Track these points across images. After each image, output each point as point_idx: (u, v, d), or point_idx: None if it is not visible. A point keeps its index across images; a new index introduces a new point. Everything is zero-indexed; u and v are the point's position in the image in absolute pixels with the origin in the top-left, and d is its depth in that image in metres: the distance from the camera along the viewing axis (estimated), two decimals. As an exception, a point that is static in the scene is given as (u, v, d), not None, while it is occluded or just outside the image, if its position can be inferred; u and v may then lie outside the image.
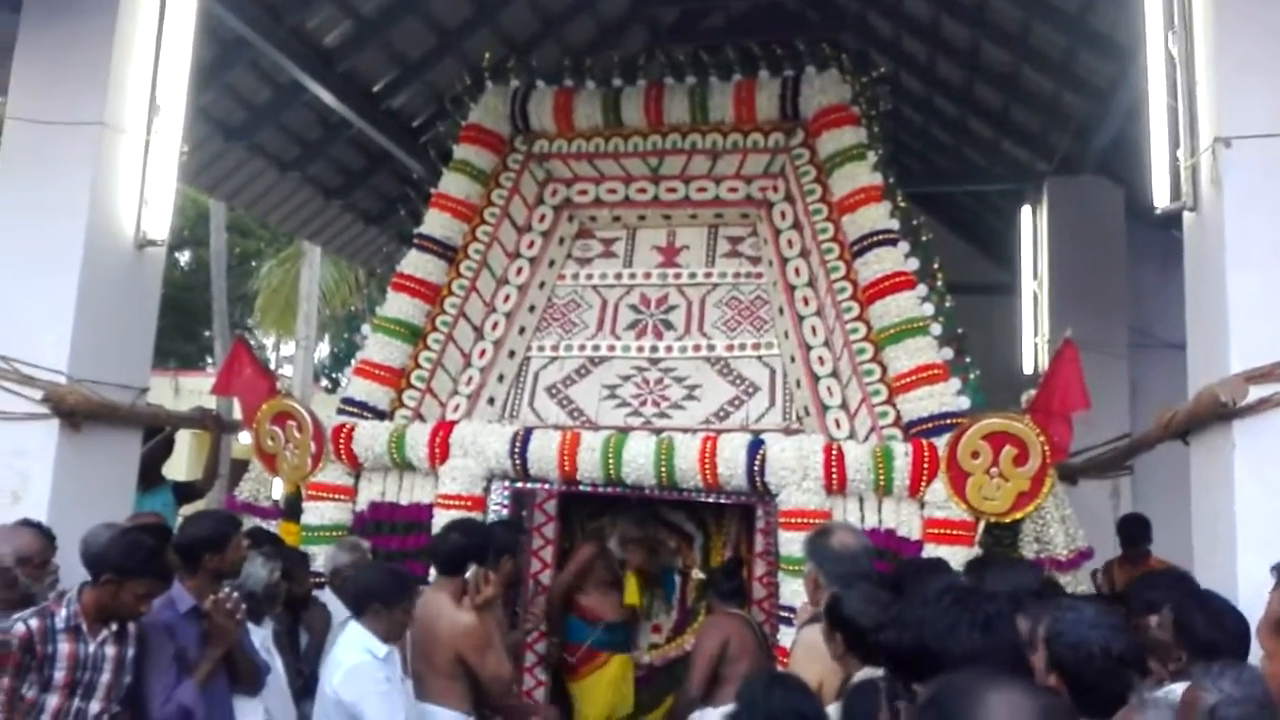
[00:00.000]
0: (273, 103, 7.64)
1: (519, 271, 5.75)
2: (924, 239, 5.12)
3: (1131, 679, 2.42)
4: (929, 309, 4.80)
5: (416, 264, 5.53)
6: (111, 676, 3.48)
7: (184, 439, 9.70)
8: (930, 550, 4.33)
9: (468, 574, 4.18)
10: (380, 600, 3.77)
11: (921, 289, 4.84)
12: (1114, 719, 2.12)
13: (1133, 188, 7.05)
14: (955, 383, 4.65)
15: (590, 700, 5.39)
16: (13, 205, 5.11)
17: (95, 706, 3.44)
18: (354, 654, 3.73)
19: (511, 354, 5.64)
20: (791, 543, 4.45)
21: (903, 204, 5.15)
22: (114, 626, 3.49)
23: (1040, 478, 4.31)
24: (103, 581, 3.40)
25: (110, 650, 3.47)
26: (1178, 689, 2.24)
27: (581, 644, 5.46)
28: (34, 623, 3.33)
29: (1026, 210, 8.20)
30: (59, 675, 3.35)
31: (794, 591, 4.42)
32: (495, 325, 5.66)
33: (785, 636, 4.40)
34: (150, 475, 5.91)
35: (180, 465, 10.48)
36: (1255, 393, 3.52)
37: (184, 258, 22.02)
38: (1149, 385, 6.73)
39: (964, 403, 4.61)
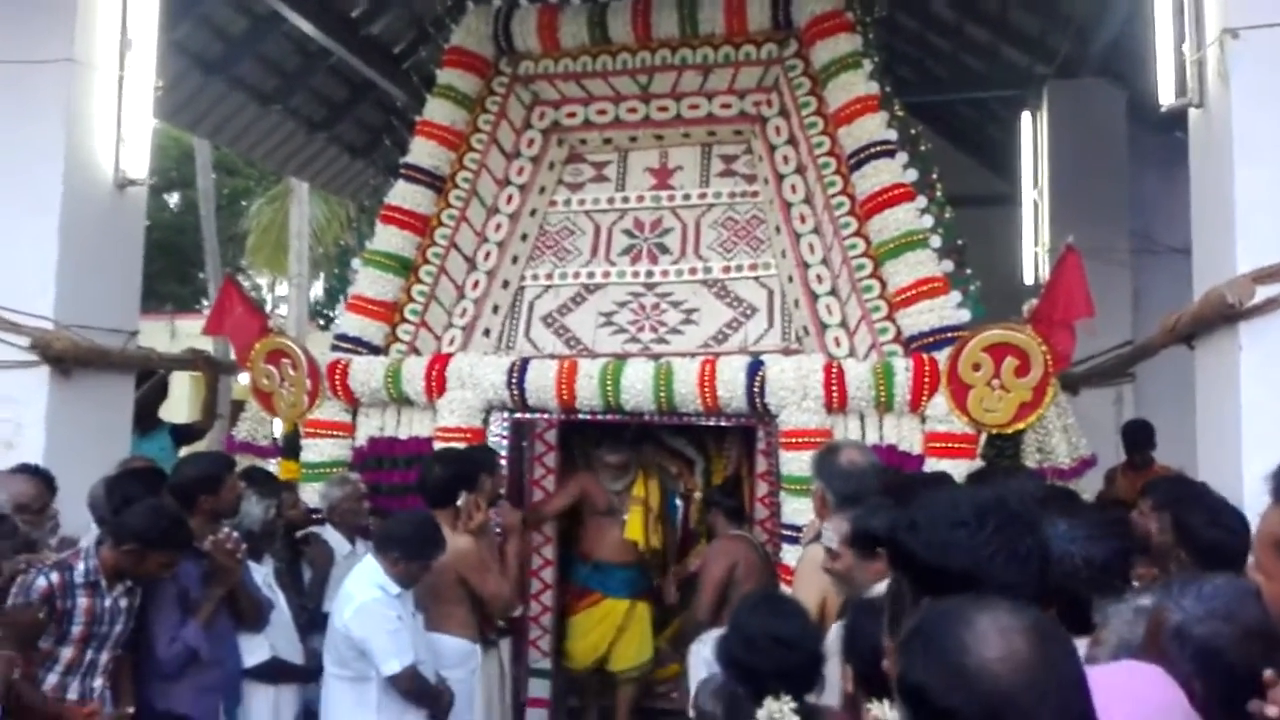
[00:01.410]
0: (249, 33, 7.44)
1: (509, 199, 5.63)
2: (922, 149, 4.99)
3: (1119, 587, 2.40)
4: (928, 221, 4.69)
5: (404, 195, 5.41)
6: (122, 628, 3.50)
7: (183, 381, 9.70)
8: (932, 464, 4.30)
9: (459, 501, 4.20)
10: (403, 551, 3.76)
11: (920, 201, 4.73)
12: (1090, 640, 2.09)
13: (1135, 90, 6.89)
14: (956, 295, 4.57)
15: (575, 635, 5.43)
16: (-12, 149, 5.00)
17: (105, 656, 3.47)
18: (366, 589, 3.74)
19: (505, 284, 5.56)
20: (793, 462, 4.43)
21: (900, 113, 5.01)
22: (129, 581, 3.49)
23: (1042, 388, 4.26)
24: (126, 550, 3.39)
25: (124, 603, 3.50)
26: (1146, 598, 2.20)
27: (573, 583, 5.49)
28: (54, 577, 3.33)
29: (1026, 116, 8.03)
30: (76, 629, 3.37)
31: (795, 510, 4.41)
32: (488, 255, 5.56)
33: (788, 555, 4.40)
34: (147, 418, 5.90)
35: (181, 408, 10.47)
36: (1262, 293, 3.47)
37: (173, 200, 21.77)
38: (1152, 292, 6.65)
39: (965, 315, 4.54)
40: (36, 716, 3.20)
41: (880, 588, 2.72)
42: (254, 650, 3.90)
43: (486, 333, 5.44)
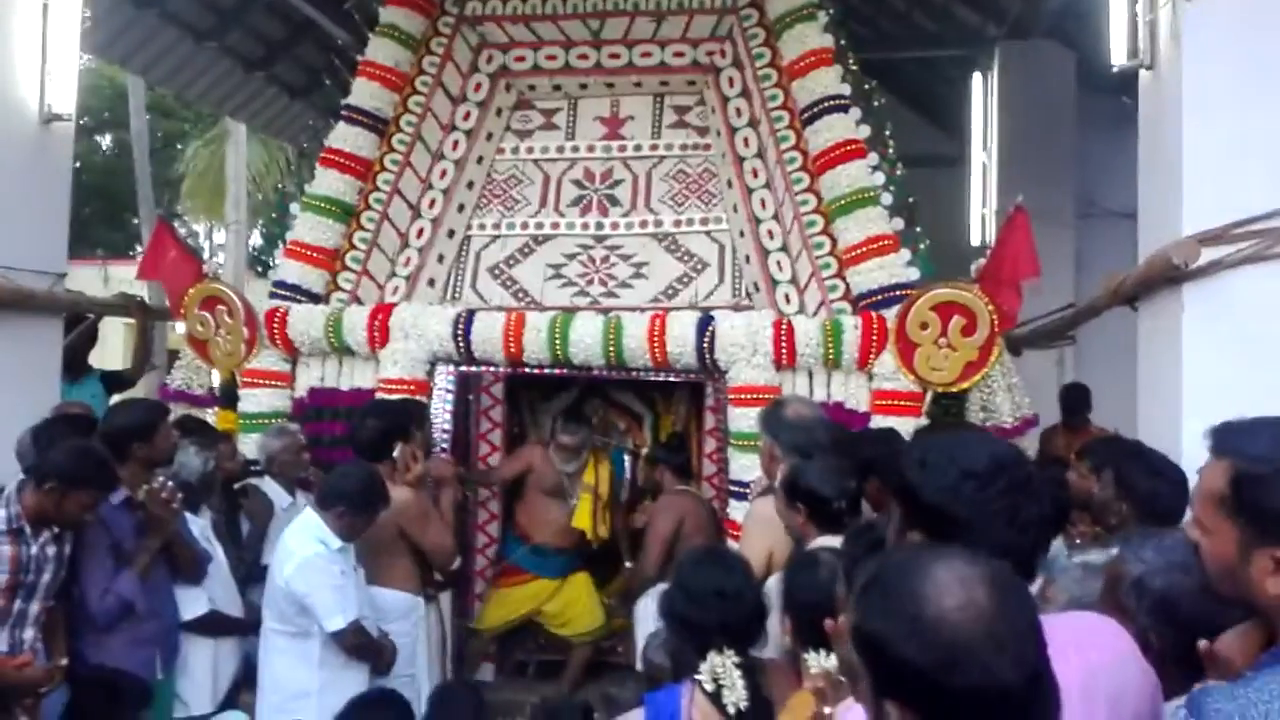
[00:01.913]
0: (183, -35, 7.12)
1: (455, 145, 5.48)
2: (875, 106, 4.96)
3: (1049, 541, 2.43)
4: (880, 179, 4.68)
5: (345, 137, 5.24)
6: (51, 576, 3.38)
7: (117, 328, 9.40)
8: (878, 421, 4.33)
9: (394, 453, 4.13)
10: (348, 505, 3.69)
11: (873, 158, 4.71)
12: (1034, 591, 2.11)
13: (1085, 52, 6.92)
14: (905, 254, 4.58)
15: (492, 604, 5.34)
16: (-99, 79, 4.74)
17: (35, 607, 3.37)
18: (307, 544, 3.66)
19: (451, 233, 5.43)
20: (741, 419, 4.43)
21: (854, 68, 4.96)
22: (54, 529, 3.36)
23: (988, 347, 4.30)
24: (47, 489, 3.26)
25: (51, 550, 3.38)
26: (1093, 554, 2.23)
27: (507, 559, 5.40)
28: None
29: (977, 77, 8.04)
30: (2, 579, 3.25)
31: (743, 466, 4.42)
32: (432, 203, 5.42)
33: (735, 511, 4.41)
34: (77, 365, 5.70)
35: (115, 355, 10.17)
36: (1207, 255, 3.49)
37: (105, 142, 21.05)
38: (1095, 255, 6.74)
39: (914, 274, 4.55)
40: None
41: (821, 541, 2.74)
42: (192, 603, 3.82)
43: (431, 283, 5.33)
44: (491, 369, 4.96)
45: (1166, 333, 3.68)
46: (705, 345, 4.50)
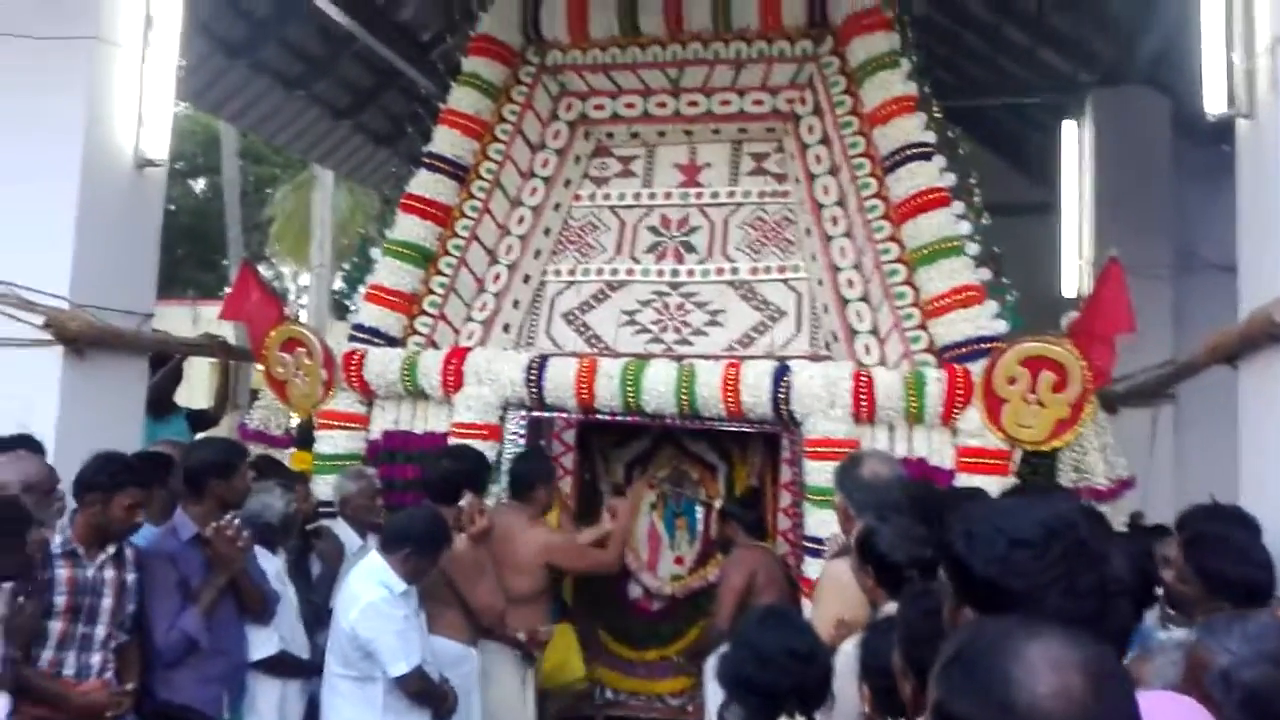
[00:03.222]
0: (274, 17, 7.37)
1: (533, 192, 5.51)
2: (960, 153, 4.85)
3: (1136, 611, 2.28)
4: (965, 227, 4.55)
5: (426, 184, 5.30)
6: (113, 601, 3.44)
7: (203, 367, 9.66)
8: (964, 480, 4.16)
9: (462, 502, 4.09)
10: (415, 546, 3.67)
11: (957, 206, 4.59)
12: (1126, 664, 1.97)
13: (1181, 99, 6.69)
14: (992, 305, 4.43)
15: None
16: (8, 126, 4.95)
17: (100, 631, 3.42)
18: (371, 588, 3.64)
19: (526, 278, 5.44)
20: (817, 472, 4.29)
21: (937, 115, 4.86)
22: (111, 550, 3.44)
23: (1080, 404, 4.11)
24: (88, 502, 3.36)
25: (109, 574, 3.44)
26: (1183, 633, 2.08)
27: None
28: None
29: (1069, 125, 7.84)
30: (60, 600, 3.32)
31: (819, 522, 4.28)
32: (509, 249, 5.45)
33: (810, 568, 4.28)
34: (163, 404, 5.84)
35: (200, 394, 10.43)
36: (1310, 314, 3.31)
37: (199, 186, 21.87)
38: (1193, 310, 6.45)
39: (1001, 326, 4.39)
40: (38, 695, 3.14)
41: (892, 607, 2.61)
42: (262, 643, 3.81)
43: (506, 328, 5.33)
44: (564, 415, 4.92)
45: (1268, 394, 3.50)
46: (781, 395, 4.40)
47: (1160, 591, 3.15)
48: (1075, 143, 7.83)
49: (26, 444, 3.91)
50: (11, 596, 3.18)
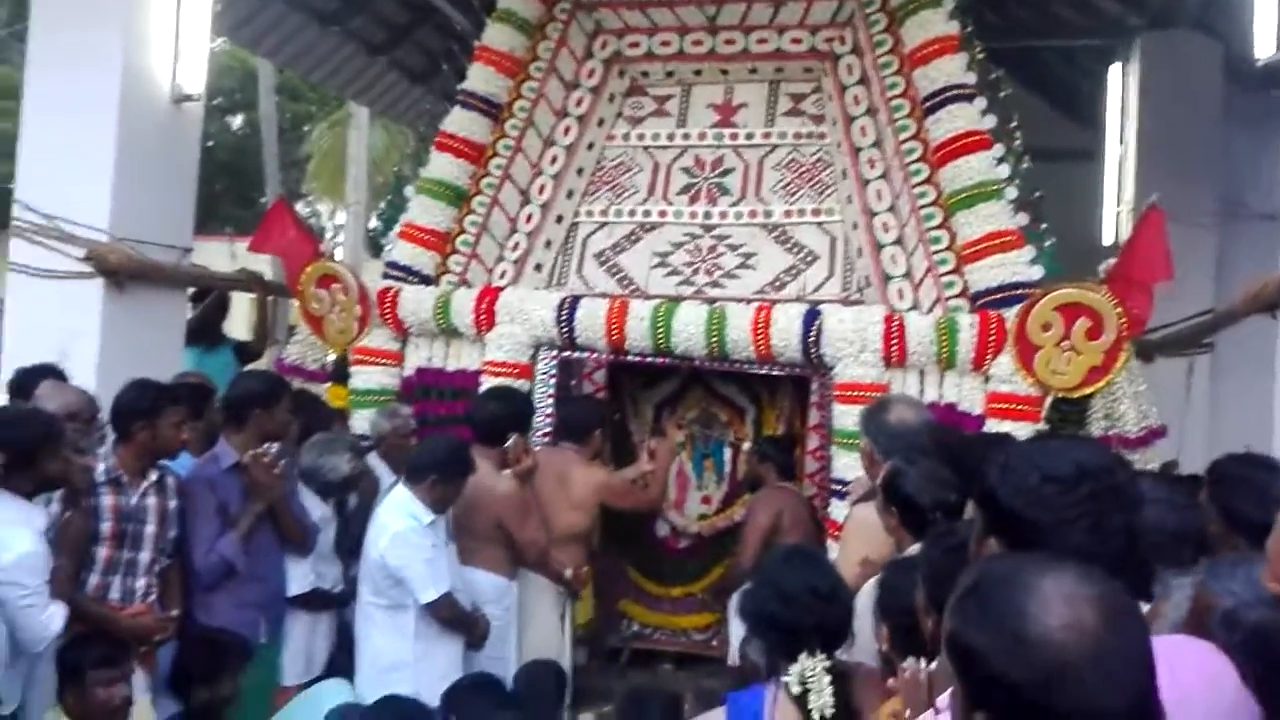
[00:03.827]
0: (312, -48, 7.30)
1: (567, 131, 5.47)
2: (1002, 95, 4.74)
3: (1186, 559, 2.29)
4: (1004, 171, 4.47)
5: (460, 122, 5.28)
6: (156, 527, 3.55)
7: (243, 302, 9.81)
8: (993, 425, 4.14)
9: (508, 443, 4.14)
10: (439, 474, 3.75)
11: (997, 149, 4.49)
12: (1148, 611, 2.00)
13: (1232, 45, 6.48)
14: (1029, 251, 4.36)
15: None
16: (46, 60, 5.02)
17: (145, 556, 3.54)
18: (400, 519, 3.72)
19: (559, 219, 5.43)
20: (846, 416, 4.30)
21: (980, 56, 4.75)
22: (153, 477, 3.54)
23: (1115, 352, 4.06)
24: (137, 429, 3.45)
25: (152, 501, 3.55)
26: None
27: None
28: None
29: (1116, 69, 7.62)
30: (105, 526, 3.43)
31: (846, 465, 4.29)
32: (542, 189, 5.43)
33: (836, 510, 4.30)
34: (212, 334, 5.96)
35: (241, 328, 10.57)
36: (1358, 262, 3.25)
37: (236, 122, 21.90)
38: (1237, 259, 6.30)
39: (1037, 272, 4.33)
40: (86, 619, 3.26)
41: (916, 548, 2.63)
42: (298, 579, 3.92)
43: (538, 268, 5.34)
44: (594, 355, 4.95)
45: (1310, 344, 3.44)
46: (811, 340, 4.39)
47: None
48: (1121, 87, 7.62)
49: (52, 374, 3.99)
50: (62, 511, 3.30)
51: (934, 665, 1.96)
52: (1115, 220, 7.53)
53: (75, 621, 3.18)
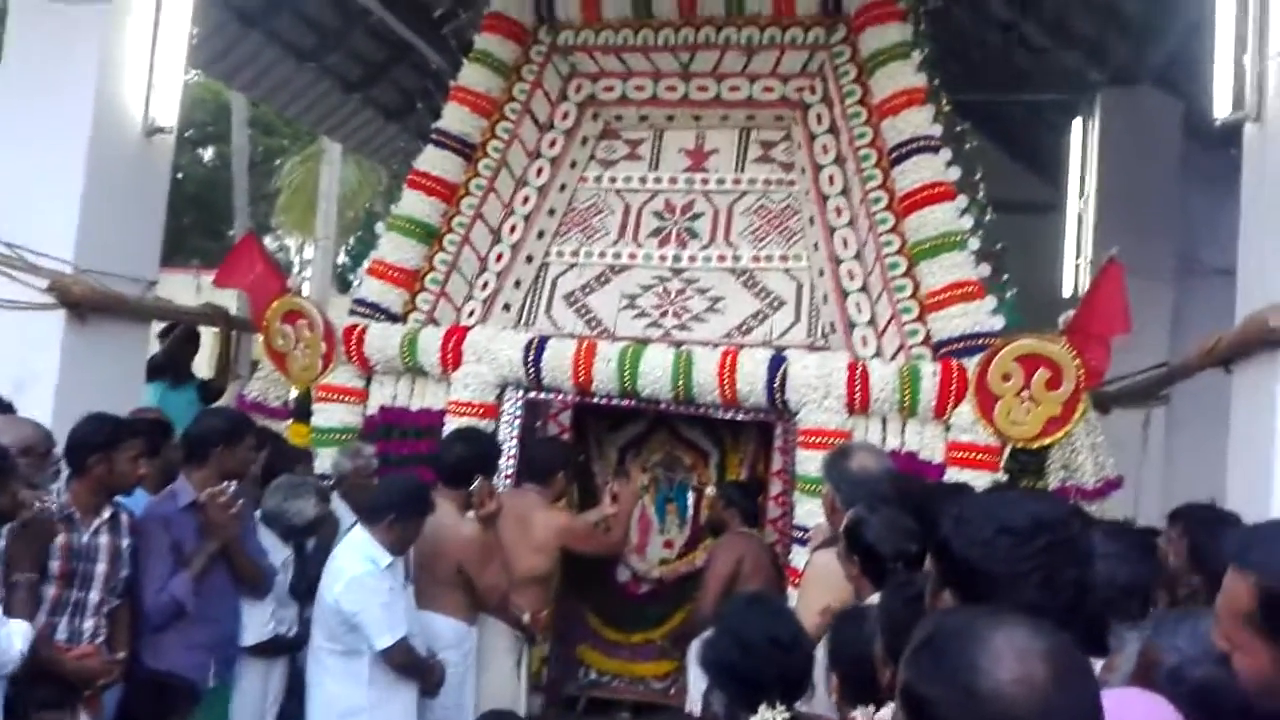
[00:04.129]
0: (289, -13, 7.35)
1: (539, 172, 5.51)
2: (967, 148, 4.84)
3: (1137, 612, 2.32)
4: (968, 222, 4.55)
5: (433, 161, 5.31)
6: (107, 566, 3.46)
7: (207, 337, 9.72)
8: (953, 474, 4.18)
9: (473, 485, 4.11)
10: (398, 513, 3.70)
11: (961, 201, 4.59)
12: (1103, 664, 2.02)
13: (1191, 102, 6.66)
14: (990, 301, 4.43)
15: None
16: (19, 88, 4.99)
17: (94, 596, 3.44)
18: (357, 562, 3.67)
19: (529, 259, 5.45)
20: (809, 462, 4.32)
21: (946, 109, 4.85)
22: (106, 514, 3.47)
23: (1073, 403, 4.13)
24: (92, 464, 3.39)
25: (104, 540, 3.47)
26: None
27: None
28: None
29: (1077, 124, 7.81)
30: (54, 565, 3.34)
31: (809, 511, 4.31)
32: (513, 228, 5.45)
33: (798, 557, 4.31)
34: (180, 370, 5.89)
35: (204, 362, 10.46)
36: (1306, 320, 3.32)
37: (207, 154, 21.83)
38: (1192, 314, 6.43)
39: (998, 322, 4.40)
40: (33, 660, 3.17)
41: (876, 598, 2.64)
42: (255, 627, 3.85)
43: (507, 307, 5.35)
44: (560, 396, 4.95)
45: (1261, 398, 3.50)
46: (776, 385, 4.42)
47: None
48: (1082, 142, 7.80)
49: (1, 407, 3.93)
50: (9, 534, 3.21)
51: (884, 713, 1.97)
52: (1075, 273, 7.67)
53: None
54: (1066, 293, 7.60)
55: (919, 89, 4.80)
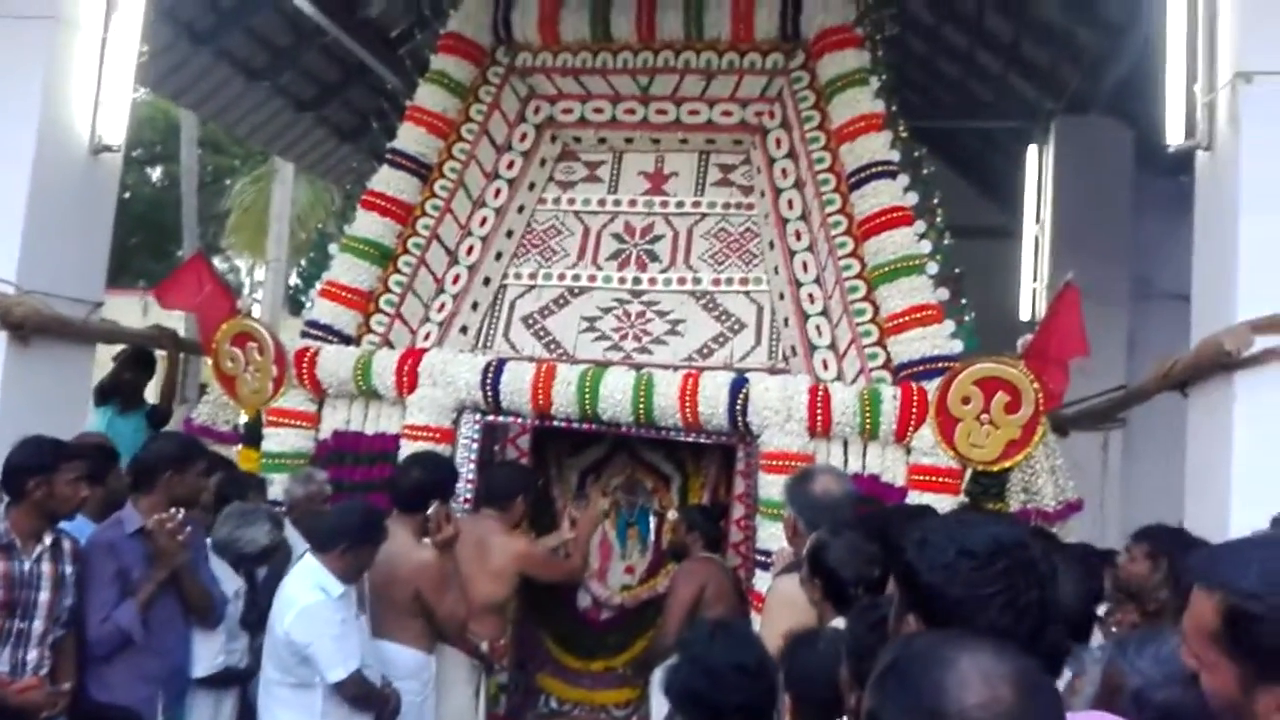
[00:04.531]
0: (241, 6, 7.26)
1: (497, 193, 5.46)
2: (924, 173, 4.88)
3: (1085, 630, 2.33)
4: (926, 247, 4.58)
5: (388, 181, 5.24)
6: (50, 594, 3.36)
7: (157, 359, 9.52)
8: (914, 497, 4.18)
9: (429, 510, 4.02)
10: (350, 541, 3.61)
11: (919, 225, 4.62)
12: (1067, 683, 2.02)
13: (1143, 130, 6.80)
14: (949, 325, 4.46)
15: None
16: (-39, 106, 4.82)
17: (38, 626, 3.34)
18: (307, 593, 3.57)
19: (487, 281, 5.39)
20: (771, 485, 4.29)
21: (904, 135, 4.89)
22: (48, 541, 3.37)
23: (1032, 426, 4.15)
24: (31, 488, 3.28)
25: (46, 568, 3.37)
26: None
27: None
28: None
29: (1033, 150, 7.95)
30: None
31: (772, 535, 4.27)
32: (470, 250, 5.39)
33: (761, 581, 4.27)
34: (131, 396, 5.74)
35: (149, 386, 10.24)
36: (1260, 343, 3.42)
37: (155, 173, 21.51)
38: (1147, 337, 6.55)
39: (957, 346, 4.42)
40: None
41: (838, 622, 2.61)
42: (206, 658, 3.74)
43: (464, 330, 5.28)
44: (519, 420, 4.88)
45: (1217, 421, 3.57)
46: (738, 407, 4.39)
47: (1101, 614, 3.21)
48: (1038, 169, 7.94)
49: None
50: None
51: None
52: (1032, 297, 7.78)
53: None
54: (1024, 317, 7.70)
55: (877, 115, 4.83)
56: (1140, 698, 1.74)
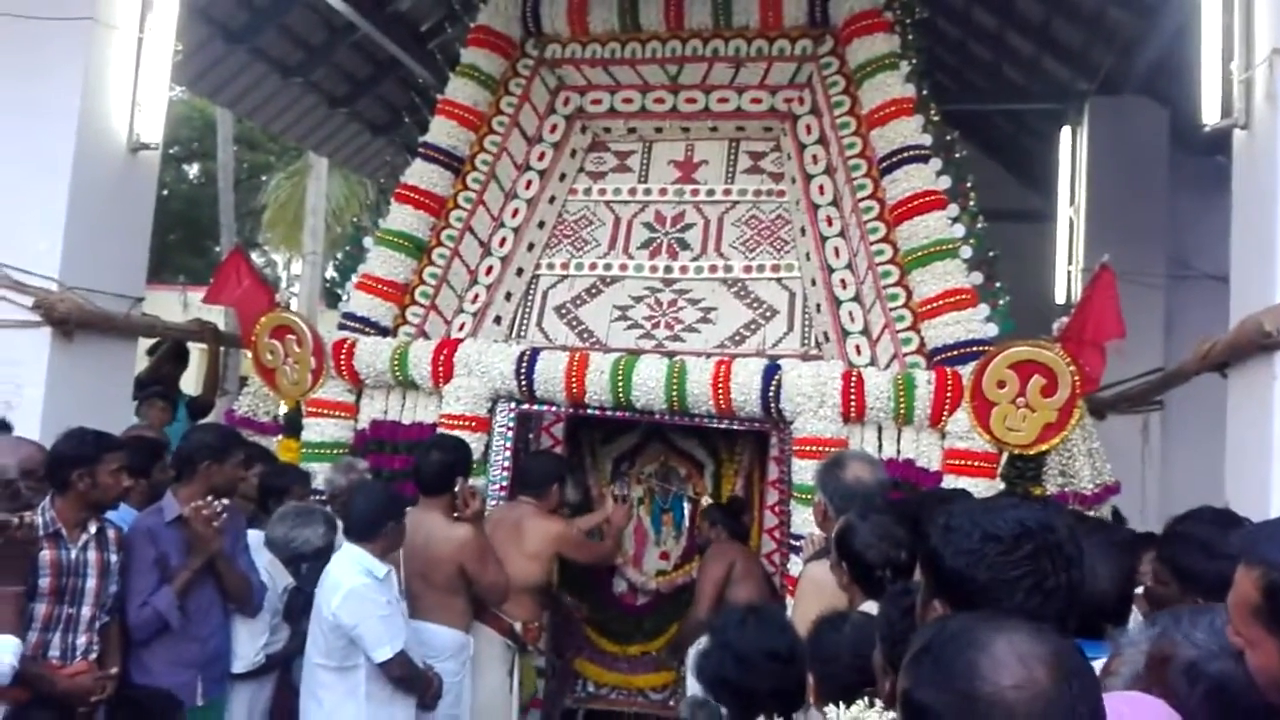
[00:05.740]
0: (275, 4, 7.33)
1: (528, 185, 5.50)
2: (957, 157, 4.84)
3: (1122, 612, 2.31)
4: (959, 231, 4.54)
5: (421, 174, 5.29)
6: (97, 581, 3.44)
7: (198, 353, 9.68)
8: (950, 481, 4.16)
9: (455, 489, 4.10)
10: (390, 518, 3.71)
11: (952, 209, 4.58)
12: (1102, 667, 2.01)
13: (1178, 110, 6.71)
14: (984, 309, 4.42)
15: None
16: (2, 105, 4.93)
17: (86, 611, 3.42)
18: (353, 576, 3.64)
19: (519, 271, 5.43)
20: (805, 471, 4.28)
21: (935, 119, 4.85)
22: (93, 529, 3.44)
23: (1069, 409, 4.11)
24: (75, 478, 3.35)
25: (92, 555, 3.45)
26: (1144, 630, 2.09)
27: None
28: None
29: (1066, 132, 7.84)
30: (44, 581, 3.31)
31: (805, 520, 4.26)
32: (503, 241, 5.43)
33: (795, 566, 4.27)
34: (167, 389, 5.85)
35: (192, 379, 10.40)
36: (1300, 322, 3.33)
37: (193, 171, 21.77)
38: (1185, 318, 6.46)
39: (992, 330, 4.39)
40: (24, 678, 3.14)
41: (868, 606, 2.61)
42: (245, 655, 3.81)
43: (498, 320, 5.32)
44: (553, 409, 4.92)
45: (1257, 401, 3.51)
46: (771, 394, 4.39)
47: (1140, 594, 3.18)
48: (1071, 150, 7.84)
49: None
50: None
51: (852, 710, 1.95)
52: (1067, 280, 7.70)
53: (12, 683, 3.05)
54: (1059, 300, 7.62)
55: (907, 99, 4.80)
56: (1193, 670, 1.69)
